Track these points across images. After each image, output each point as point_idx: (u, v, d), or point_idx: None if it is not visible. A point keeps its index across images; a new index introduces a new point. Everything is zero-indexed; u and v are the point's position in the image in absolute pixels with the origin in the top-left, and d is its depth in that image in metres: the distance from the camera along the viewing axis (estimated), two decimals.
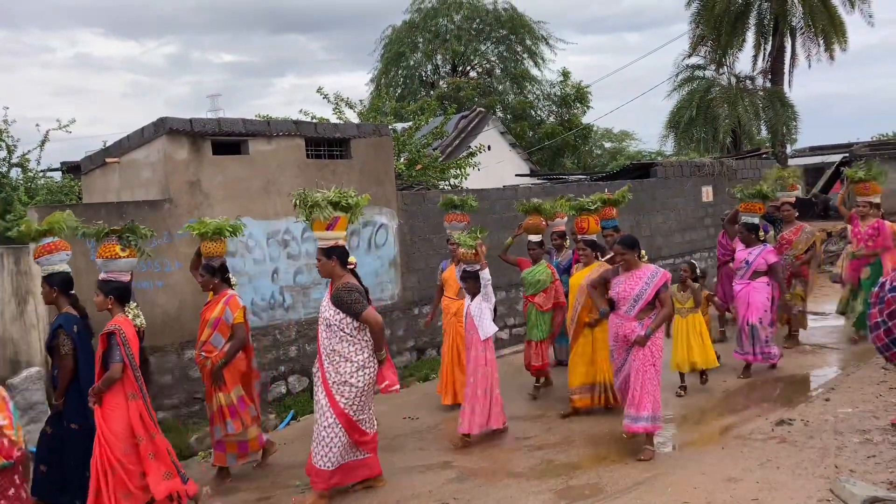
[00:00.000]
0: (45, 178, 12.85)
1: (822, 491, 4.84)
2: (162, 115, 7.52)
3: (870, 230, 8.80)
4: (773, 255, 7.91)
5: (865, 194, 8.91)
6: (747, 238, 7.99)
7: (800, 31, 18.11)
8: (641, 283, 5.81)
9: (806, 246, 8.87)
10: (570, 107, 27.16)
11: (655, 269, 5.90)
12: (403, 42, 28.35)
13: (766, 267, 7.79)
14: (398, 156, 12.06)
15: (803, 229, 8.96)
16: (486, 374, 6.40)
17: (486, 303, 6.44)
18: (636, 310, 5.82)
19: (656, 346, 5.83)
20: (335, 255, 5.34)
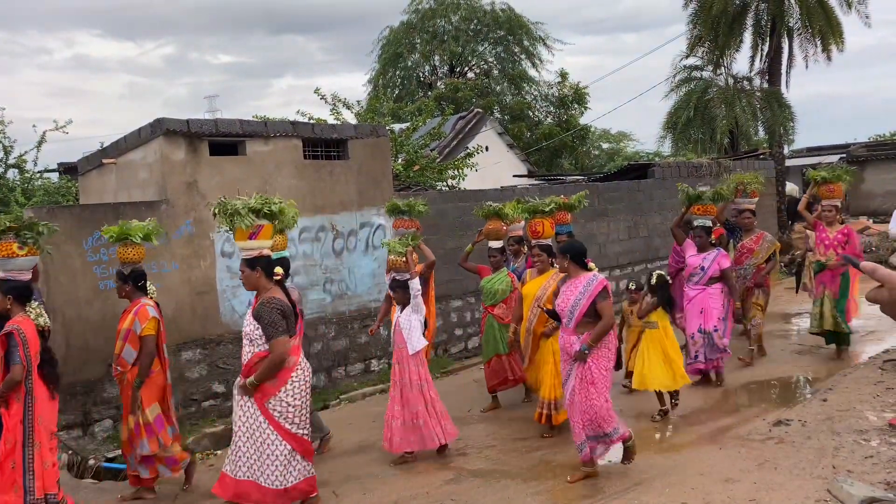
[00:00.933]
0: (42, 179, 12.85)
1: (819, 491, 4.84)
2: (159, 116, 7.51)
3: (839, 236, 8.27)
4: (726, 259, 7.60)
5: (830, 197, 8.39)
6: (703, 242, 7.57)
7: (797, 32, 18.09)
8: (577, 293, 5.36)
9: (767, 254, 8.41)
10: (567, 107, 27.18)
11: (592, 276, 5.41)
12: (401, 43, 28.36)
13: (719, 272, 7.46)
14: (396, 156, 12.06)
15: (764, 237, 8.50)
16: (424, 389, 6.06)
17: (415, 315, 6.06)
18: (573, 322, 5.36)
19: (598, 364, 5.32)
20: (260, 267, 5.00)
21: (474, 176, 13.80)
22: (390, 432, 6.05)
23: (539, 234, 6.92)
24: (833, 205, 8.36)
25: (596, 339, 5.26)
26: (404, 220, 7.28)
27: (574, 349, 5.32)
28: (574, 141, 26.04)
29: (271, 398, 4.88)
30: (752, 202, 8.61)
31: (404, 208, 7.27)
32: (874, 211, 24.08)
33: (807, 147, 29.51)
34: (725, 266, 7.52)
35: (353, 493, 5.58)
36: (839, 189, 8.37)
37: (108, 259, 6.93)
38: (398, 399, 6.07)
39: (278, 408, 4.90)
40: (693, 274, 7.62)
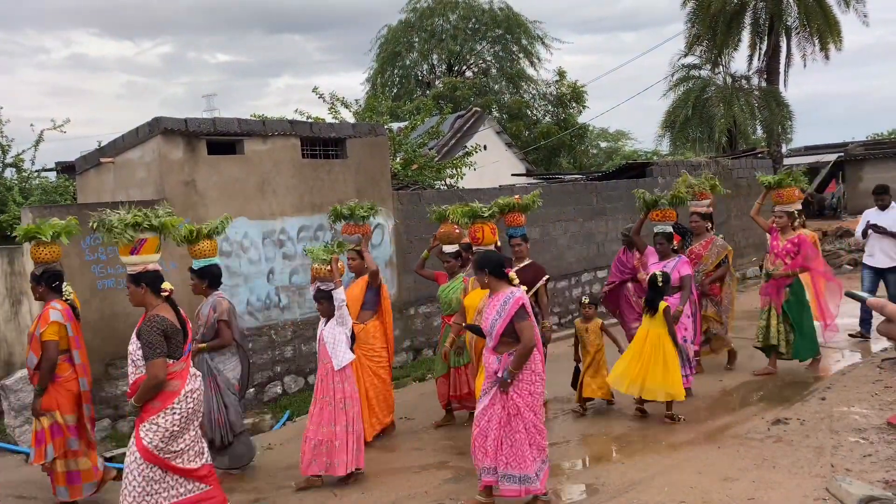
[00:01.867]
0: (39, 179, 12.81)
1: (818, 490, 4.84)
2: (157, 115, 7.50)
3: (789, 245, 7.75)
4: (686, 266, 7.12)
5: (781, 202, 7.87)
6: (664, 249, 7.15)
7: (795, 31, 18.14)
8: (494, 312, 4.90)
9: (717, 260, 7.86)
10: (566, 106, 27.20)
11: (509, 293, 4.90)
12: (399, 42, 28.37)
13: (679, 279, 7.00)
14: (394, 155, 12.05)
15: (714, 242, 7.96)
16: (347, 408, 5.67)
17: (340, 328, 5.73)
18: (493, 342, 4.93)
19: (521, 393, 4.86)
20: (144, 282, 4.64)
21: (473, 175, 13.79)
22: (303, 452, 5.72)
23: (479, 240, 6.36)
24: (785, 211, 7.85)
25: (517, 365, 4.80)
26: (350, 225, 6.79)
27: (494, 369, 4.92)
28: (572, 140, 26.06)
29: (147, 421, 4.47)
30: (700, 205, 8.03)
31: (346, 213, 6.76)
32: None
33: (805, 146, 29.54)
34: (684, 273, 7.04)
35: (351, 492, 5.58)
36: (791, 194, 7.85)
37: (106, 258, 6.93)
38: (315, 417, 5.71)
39: (151, 431, 4.44)
40: None
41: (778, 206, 7.88)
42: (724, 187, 8.47)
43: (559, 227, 11.60)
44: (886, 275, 8.98)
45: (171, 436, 4.48)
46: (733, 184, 15.24)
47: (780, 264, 7.74)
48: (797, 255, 7.68)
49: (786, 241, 7.78)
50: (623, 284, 8.33)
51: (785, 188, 7.83)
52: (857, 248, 16.36)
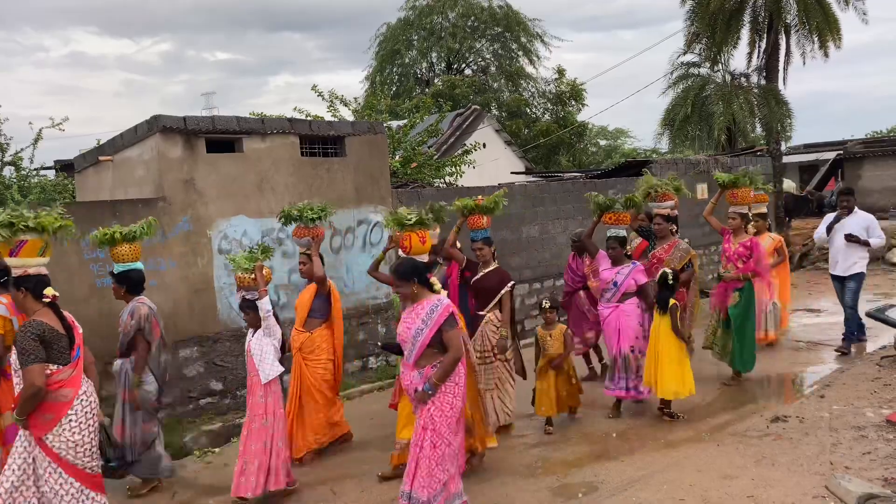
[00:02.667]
0: (38, 177, 12.79)
1: (817, 488, 4.85)
2: (156, 114, 7.49)
3: (741, 248, 7.45)
4: (643, 274, 6.80)
5: (734, 203, 7.56)
6: (617, 255, 6.82)
7: (794, 29, 18.09)
8: (419, 321, 4.57)
9: (680, 264, 7.38)
10: (565, 104, 27.19)
11: (437, 300, 4.63)
12: (398, 40, 28.35)
13: (635, 287, 6.73)
14: (393, 154, 12.05)
15: (677, 246, 7.50)
16: (267, 425, 5.35)
17: (268, 339, 5.41)
18: (414, 355, 4.58)
19: (441, 406, 4.51)
20: (25, 287, 4.39)
21: (472, 173, 13.80)
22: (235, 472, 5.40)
23: (406, 249, 5.72)
24: (738, 212, 7.54)
25: (442, 376, 4.48)
26: (300, 227, 6.42)
27: (415, 385, 4.57)
28: (571, 138, 26.04)
29: (48, 434, 4.27)
30: (663, 206, 7.64)
31: (296, 214, 6.38)
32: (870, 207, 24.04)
33: (804, 144, 29.55)
34: (643, 281, 6.73)
35: (350, 490, 5.57)
36: (745, 194, 7.52)
37: (105, 256, 6.90)
38: (243, 434, 5.44)
39: (57, 443, 4.27)
40: (606, 290, 6.86)
41: (732, 207, 7.58)
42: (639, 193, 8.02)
43: (558, 226, 11.60)
44: (846, 282, 8.61)
45: (77, 445, 4.31)
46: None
47: (731, 268, 7.48)
48: (749, 258, 7.40)
49: (738, 244, 7.48)
50: (575, 293, 8.01)
51: (739, 188, 7.51)
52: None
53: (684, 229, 13.53)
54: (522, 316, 10.67)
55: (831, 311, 11.14)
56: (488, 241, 6.53)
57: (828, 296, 12.39)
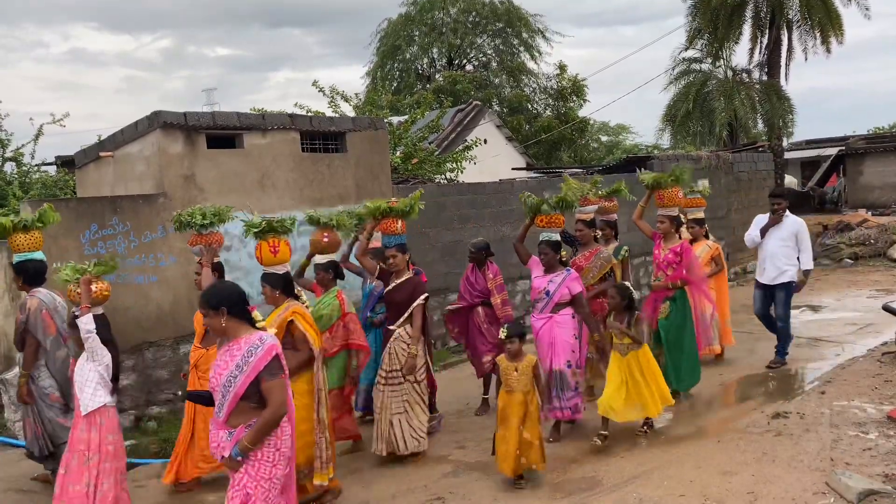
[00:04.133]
0: (39, 173, 12.82)
1: (817, 484, 4.85)
2: (156, 109, 7.48)
3: (671, 255, 6.82)
4: (578, 282, 6.21)
5: (661, 205, 6.99)
6: (550, 261, 6.17)
7: (796, 24, 18.07)
8: (232, 366, 3.52)
9: (600, 273, 6.90)
10: (566, 100, 27.13)
11: (259, 339, 3.56)
12: (399, 35, 28.29)
13: (569, 297, 6.13)
14: (394, 149, 12.04)
15: (598, 254, 6.99)
16: (90, 464, 4.57)
17: (91, 364, 4.63)
18: (225, 410, 3.54)
19: (257, 474, 3.52)
20: None
21: (473, 169, 13.79)
22: None
23: (259, 259, 5.25)
24: (666, 215, 6.94)
25: (256, 439, 3.47)
26: (194, 235, 5.75)
27: (223, 448, 3.53)
28: (573, 134, 25.99)
29: None
30: (584, 211, 7.14)
31: (187, 220, 5.66)
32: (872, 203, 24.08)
33: (806, 140, 29.49)
34: (577, 290, 6.15)
35: (352, 486, 5.57)
36: (673, 196, 6.92)
37: (105, 252, 6.92)
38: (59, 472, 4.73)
39: None
40: (538, 299, 6.26)
41: (660, 210, 7.00)
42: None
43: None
44: (776, 291, 7.89)
45: None
46: (734, 178, 15.24)
47: (662, 275, 6.88)
48: (679, 265, 6.79)
49: (668, 250, 6.86)
50: (472, 309, 7.12)
51: (666, 189, 6.91)
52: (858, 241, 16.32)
53: None
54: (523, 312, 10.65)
55: (832, 308, 11.15)
56: (402, 248, 6.00)
57: (828, 292, 12.41)
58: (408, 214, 6.10)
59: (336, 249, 6.13)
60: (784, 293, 7.87)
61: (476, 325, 7.10)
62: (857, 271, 14.53)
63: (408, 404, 5.84)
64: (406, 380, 5.84)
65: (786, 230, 7.85)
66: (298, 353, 4.99)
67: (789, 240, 7.82)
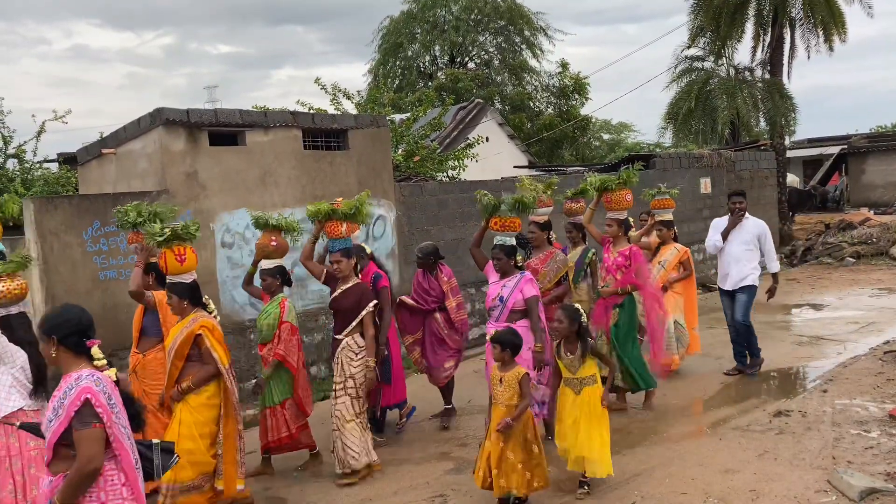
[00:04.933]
0: (41, 170, 12.82)
1: (819, 482, 4.85)
2: (158, 106, 7.49)
3: (619, 258, 6.60)
4: (532, 285, 5.72)
5: (610, 208, 6.71)
6: (504, 266, 5.70)
7: (799, 23, 18.03)
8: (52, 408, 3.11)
9: (556, 277, 6.57)
10: (568, 98, 27.11)
11: (72, 383, 3.06)
12: (401, 33, 28.27)
13: (524, 302, 5.67)
14: (396, 147, 12.04)
15: (553, 257, 6.64)
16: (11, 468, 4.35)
17: (2, 367, 4.41)
18: (48, 453, 3.14)
19: None
20: None
21: (475, 167, 13.77)
22: None
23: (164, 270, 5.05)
24: (614, 219, 6.68)
25: (65, 496, 3.00)
26: (131, 234, 5.64)
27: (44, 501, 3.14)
28: (575, 132, 25.98)
29: None
30: (538, 213, 6.82)
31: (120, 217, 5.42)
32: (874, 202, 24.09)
33: (808, 138, 29.50)
34: (529, 294, 5.64)
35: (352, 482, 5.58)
36: (620, 198, 6.65)
37: (108, 249, 6.93)
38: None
39: None
40: (492, 307, 5.78)
41: (609, 213, 6.74)
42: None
43: (562, 219, 11.56)
44: (736, 294, 7.61)
45: None
46: (736, 176, 15.24)
47: (611, 280, 6.63)
48: (628, 269, 6.55)
49: (616, 254, 6.64)
50: (429, 315, 6.75)
51: (613, 192, 6.67)
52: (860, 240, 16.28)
53: (688, 223, 13.53)
54: None
55: (834, 306, 11.14)
56: (347, 253, 5.68)
57: (831, 290, 12.40)
58: (353, 217, 5.72)
59: (284, 254, 5.88)
60: (746, 296, 7.56)
61: (434, 332, 6.74)
62: (859, 270, 14.52)
63: (338, 420, 5.52)
64: (347, 393, 5.51)
65: (748, 232, 7.56)
66: (206, 366, 4.84)
67: (752, 242, 7.54)
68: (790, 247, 17.24)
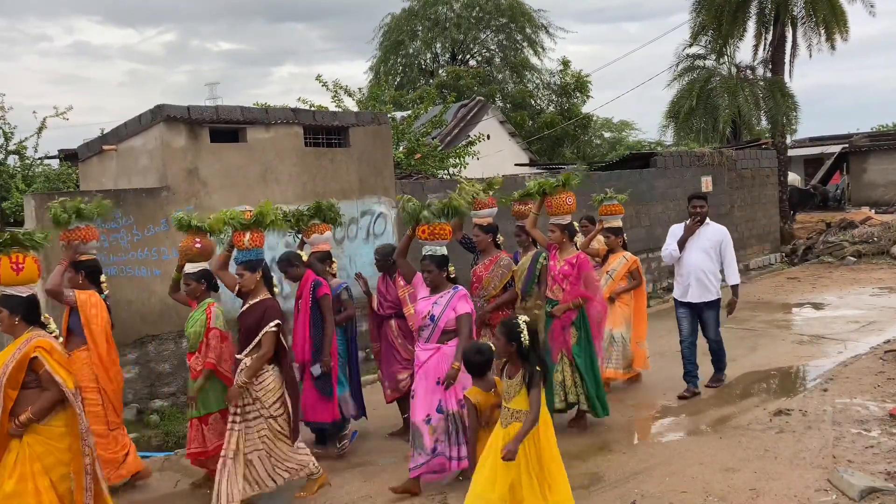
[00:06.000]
0: (42, 166, 12.83)
1: (819, 481, 4.85)
2: (159, 103, 7.48)
3: (566, 267, 6.05)
4: (465, 301, 5.14)
5: (551, 213, 6.21)
6: (435, 279, 5.16)
7: (801, 21, 17.99)
8: None
9: (502, 283, 6.21)
10: (569, 96, 27.06)
11: None
12: (402, 30, 28.23)
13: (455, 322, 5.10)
14: (397, 144, 12.03)
15: (498, 261, 6.27)
16: None
17: None
18: None
19: None
20: None
21: (476, 164, 13.76)
22: None
23: None
24: (557, 224, 6.16)
25: None
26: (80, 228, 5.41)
27: None
28: (576, 130, 25.93)
29: None
30: (480, 216, 6.44)
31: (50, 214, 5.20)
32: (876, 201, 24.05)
33: (809, 137, 29.46)
34: (462, 311, 5.05)
35: (353, 480, 5.59)
36: (561, 202, 6.14)
37: (108, 246, 6.93)
38: None
39: None
40: (422, 326, 5.20)
41: (551, 218, 6.24)
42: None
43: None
44: (703, 311, 6.96)
45: None
46: (737, 175, 15.23)
47: (558, 290, 6.11)
48: (575, 279, 6.00)
49: (563, 262, 6.11)
50: (384, 322, 6.35)
51: (554, 196, 6.17)
52: (861, 239, 16.29)
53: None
54: None
55: (835, 305, 11.13)
56: (249, 266, 5.07)
57: (832, 289, 12.39)
58: (265, 224, 5.15)
59: (209, 257, 5.48)
60: (713, 312, 6.99)
61: (388, 340, 6.31)
62: (859, 269, 14.51)
63: (267, 439, 4.97)
64: (261, 415, 4.96)
65: (708, 239, 6.91)
66: (47, 392, 4.12)
67: (713, 250, 6.90)
68: (791, 245, 17.23)
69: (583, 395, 6.07)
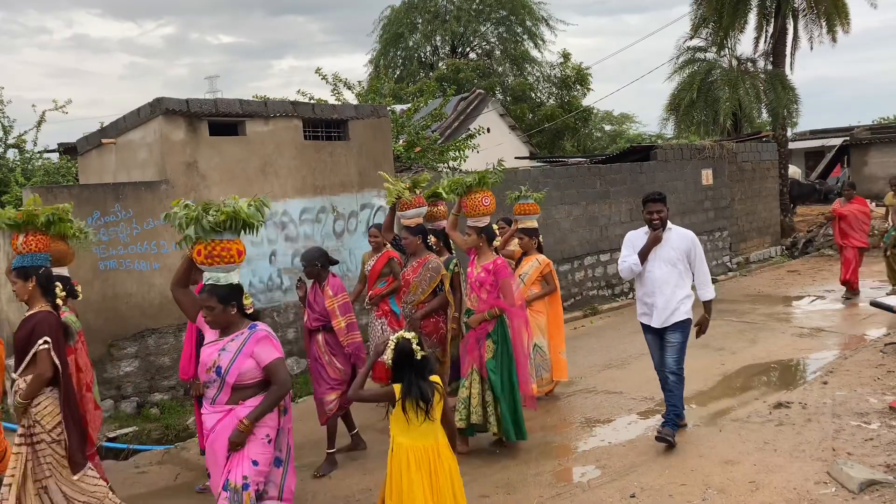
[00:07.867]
0: (41, 159, 12.81)
1: (819, 474, 4.85)
2: (159, 96, 7.47)
3: (482, 274, 5.59)
4: (268, 345, 3.93)
5: (467, 214, 5.83)
6: (220, 317, 3.85)
7: (802, 13, 17.95)
8: None
9: (431, 287, 5.92)
10: (570, 89, 27.01)
11: None
12: (402, 23, 28.17)
13: (259, 375, 3.86)
14: (397, 137, 12.00)
15: (425, 264, 5.97)
16: None
17: None
18: None
19: None
20: None
21: (476, 157, 13.73)
22: None
23: None
24: (473, 226, 5.72)
25: None
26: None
27: None
28: (576, 122, 25.91)
29: None
30: (407, 217, 6.19)
31: None
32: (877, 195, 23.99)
33: (810, 130, 29.40)
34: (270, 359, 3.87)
35: (354, 473, 5.59)
36: (476, 204, 5.75)
37: (108, 239, 6.93)
38: None
39: None
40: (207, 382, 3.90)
41: (470, 219, 5.79)
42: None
43: (562, 211, 11.57)
44: (667, 334, 5.65)
45: None
46: (738, 167, 15.20)
47: (475, 299, 5.67)
48: (493, 285, 5.54)
49: (480, 268, 5.64)
50: (313, 334, 5.69)
51: (469, 196, 5.79)
52: None
53: (690, 215, 13.50)
54: None
55: (834, 297, 11.13)
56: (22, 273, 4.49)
57: (832, 282, 12.38)
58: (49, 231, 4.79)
59: (71, 260, 5.11)
60: (679, 335, 5.62)
61: (316, 356, 5.66)
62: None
63: (53, 466, 4.35)
64: (42, 440, 4.34)
65: (673, 249, 5.61)
66: None
67: (679, 261, 5.60)
68: (792, 238, 17.24)
69: (493, 417, 5.54)
